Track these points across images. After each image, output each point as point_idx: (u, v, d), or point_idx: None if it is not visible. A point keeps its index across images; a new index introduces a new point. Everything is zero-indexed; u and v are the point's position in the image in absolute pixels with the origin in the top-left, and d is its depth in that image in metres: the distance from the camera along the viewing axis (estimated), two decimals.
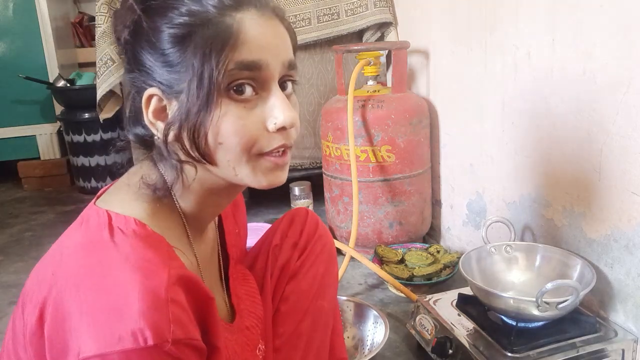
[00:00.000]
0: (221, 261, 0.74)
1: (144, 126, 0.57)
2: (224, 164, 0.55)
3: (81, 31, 3.11)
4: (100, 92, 1.79)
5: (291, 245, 0.83)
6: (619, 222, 0.96)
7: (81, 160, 2.56)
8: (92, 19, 3.01)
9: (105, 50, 1.72)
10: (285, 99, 0.56)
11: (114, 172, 2.56)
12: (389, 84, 1.76)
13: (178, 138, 0.54)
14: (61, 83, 2.53)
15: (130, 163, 0.64)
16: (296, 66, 0.58)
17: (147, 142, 0.59)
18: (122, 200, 0.56)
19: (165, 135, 0.54)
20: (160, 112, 0.55)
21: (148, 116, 0.55)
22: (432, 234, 1.73)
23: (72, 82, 2.57)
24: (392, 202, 1.54)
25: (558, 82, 1.07)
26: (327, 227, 0.89)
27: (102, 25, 1.69)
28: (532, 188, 1.19)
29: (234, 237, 0.79)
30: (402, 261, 1.46)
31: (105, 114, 2.01)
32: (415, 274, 1.37)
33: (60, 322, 0.46)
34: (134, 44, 0.54)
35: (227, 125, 0.52)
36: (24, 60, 2.65)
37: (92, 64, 2.00)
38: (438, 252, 1.48)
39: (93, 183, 2.58)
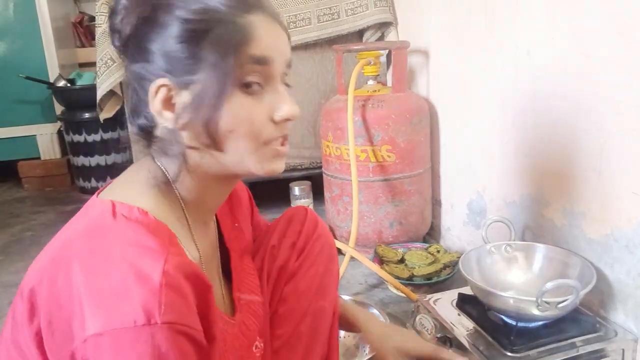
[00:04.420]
0: (219, 258, 0.74)
1: (146, 116, 0.60)
2: (232, 151, 0.59)
3: (81, 31, 3.11)
4: (100, 92, 1.79)
5: (289, 246, 0.82)
6: (619, 222, 0.96)
7: (81, 160, 2.56)
8: (93, 18, 3.01)
9: (105, 50, 1.72)
10: (287, 93, 0.61)
11: (113, 172, 2.56)
12: (389, 83, 1.76)
13: (187, 126, 0.58)
14: (61, 83, 2.53)
15: (129, 163, 0.66)
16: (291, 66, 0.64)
17: (148, 133, 0.61)
18: (126, 195, 0.57)
19: (176, 123, 0.58)
20: (167, 102, 0.58)
21: (155, 105, 0.58)
22: (432, 234, 1.73)
23: (72, 82, 2.57)
24: (392, 201, 1.54)
25: (558, 82, 1.07)
26: (327, 226, 0.88)
27: (103, 25, 1.69)
28: (532, 188, 1.19)
29: (233, 231, 0.78)
30: (402, 261, 1.45)
31: (105, 114, 2.02)
32: (415, 273, 1.37)
33: (59, 302, 0.48)
34: (142, 36, 0.57)
35: (238, 115, 0.57)
36: (24, 60, 2.65)
37: (93, 64, 2.00)
38: (438, 251, 1.48)
39: (93, 183, 2.58)
